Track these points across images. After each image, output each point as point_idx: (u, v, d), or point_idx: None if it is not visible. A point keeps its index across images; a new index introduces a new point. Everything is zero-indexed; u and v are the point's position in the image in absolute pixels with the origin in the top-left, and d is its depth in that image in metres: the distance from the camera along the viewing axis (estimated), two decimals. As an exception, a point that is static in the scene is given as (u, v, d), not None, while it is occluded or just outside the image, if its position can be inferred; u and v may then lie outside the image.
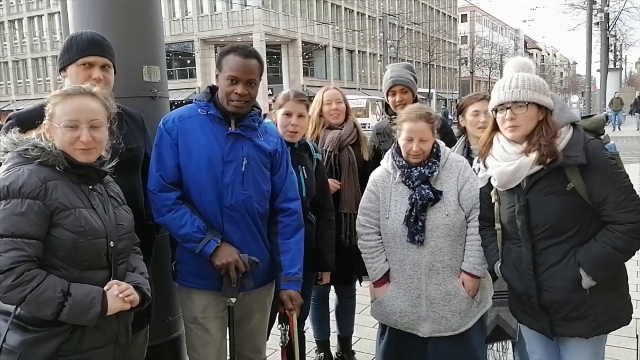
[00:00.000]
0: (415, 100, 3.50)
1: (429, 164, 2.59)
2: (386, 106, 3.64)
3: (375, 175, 2.77)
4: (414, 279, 2.59)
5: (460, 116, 3.12)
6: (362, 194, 3.23)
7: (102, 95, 1.89)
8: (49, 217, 1.71)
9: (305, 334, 3.13)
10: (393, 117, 3.48)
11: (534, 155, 2.12)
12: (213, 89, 2.40)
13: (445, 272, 2.57)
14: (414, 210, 2.53)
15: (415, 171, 2.58)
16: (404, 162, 2.62)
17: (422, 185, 2.56)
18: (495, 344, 3.10)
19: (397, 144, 2.68)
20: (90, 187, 1.86)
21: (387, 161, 2.72)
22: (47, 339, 1.72)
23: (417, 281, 2.58)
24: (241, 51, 2.29)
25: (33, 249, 1.67)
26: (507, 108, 2.15)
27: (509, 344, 3.10)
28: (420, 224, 2.52)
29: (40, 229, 1.69)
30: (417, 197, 2.54)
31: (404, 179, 2.61)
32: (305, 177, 2.84)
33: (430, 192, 2.54)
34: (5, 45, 47.90)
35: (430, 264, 2.55)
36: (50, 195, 1.71)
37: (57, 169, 1.77)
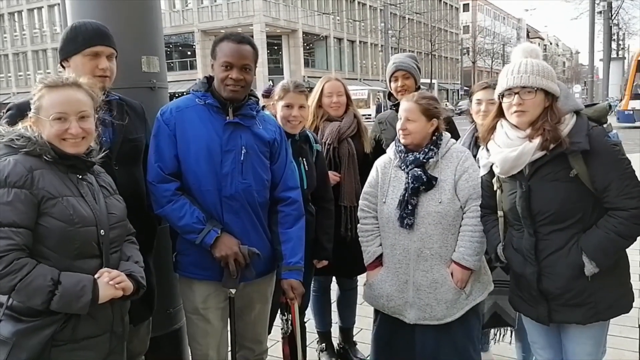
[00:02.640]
0: (417, 88, 3.48)
1: (425, 149, 2.60)
2: (389, 94, 3.62)
3: (378, 161, 2.80)
4: (402, 264, 2.60)
5: (470, 103, 3.14)
6: (363, 186, 3.24)
7: (88, 86, 1.87)
8: (37, 206, 1.70)
9: (306, 325, 3.12)
10: (395, 103, 3.48)
11: (537, 141, 2.11)
12: (210, 79, 2.39)
13: (434, 260, 2.56)
14: (406, 194, 2.54)
15: (410, 156, 2.60)
16: (402, 148, 2.64)
17: (416, 169, 2.56)
18: (493, 330, 3.11)
19: None
20: (80, 176, 1.84)
21: (391, 148, 2.75)
22: (40, 328, 1.71)
23: (406, 267, 2.59)
24: (234, 38, 2.29)
25: (21, 237, 1.66)
26: (515, 93, 2.13)
27: (508, 330, 3.11)
28: (410, 207, 2.53)
29: (28, 218, 1.68)
30: (409, 181, 2.55)
31: (400, 163, 2.63)
32: (306, 169, 2.83)
33: (424, 175, 2.54)
34: (5, 37, 47.80)
35: (418, 250, 2.56)
36: (36, 184, 1.70)
37: (45, 158, 1.76)
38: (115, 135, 2.23)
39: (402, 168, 2.62)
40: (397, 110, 3.46)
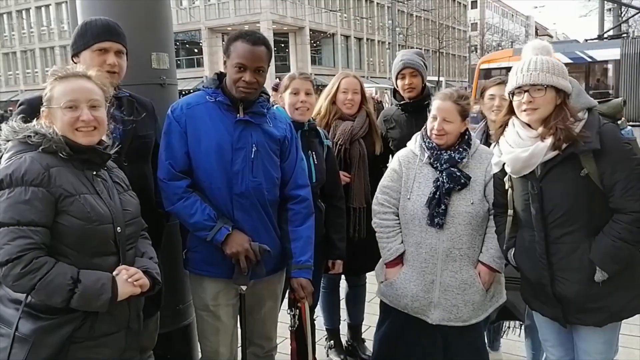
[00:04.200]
0: (424, 86, 3.45)
1: (460, 149, 2.54)
2: (394, 92, 3.58)
3: (400, 155, 2.71)
4: (429, 263, 2.54)
5: (480, 100, 3.12)
6: (372, 186, 3.21)
7: (97, 79, 1.88)
8: (54, 204, 1.69)
9: (315, 322, 3.12)
10: (401, 102, 3.44)
11: (549, 141, 2.09)
12: (221, 76, 2.38)
13: (463, 261, 2.52)
14: (438, 193, 2.48)
15: (445, 154, 2.53)
16: (434, 144, 2.56)
17: (452, 169, 2.50)
18: (503, 323, 3.11)
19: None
20: (95, 173, 1.85)
21: (414, 142, 2.66)
22: (59, 326, 1.72)
23: (433, 266, 2.54)
24: (249, 38, 2.26)
25: (40, 236, 1.66)
26: (525, 91, 2.11)
27: (517, 326, 3.11)
28: (442, 207, 2.47)
29: (46, 216, 1.68)
30: (444, 180, 2.49)
31: (431, 160, 2.55)
32: (315, 162, 2.81)
33: (462, 176, 2.48)
34: (13, 35, 48.04)
35: (448, 250, 2.51)
36: (54, 182, 1.70)
37: (60, 155, 1.76)
38: (125, 132, 2.23)
39: (435, 166, 2.54)
40: (402, 109, 3.44)
